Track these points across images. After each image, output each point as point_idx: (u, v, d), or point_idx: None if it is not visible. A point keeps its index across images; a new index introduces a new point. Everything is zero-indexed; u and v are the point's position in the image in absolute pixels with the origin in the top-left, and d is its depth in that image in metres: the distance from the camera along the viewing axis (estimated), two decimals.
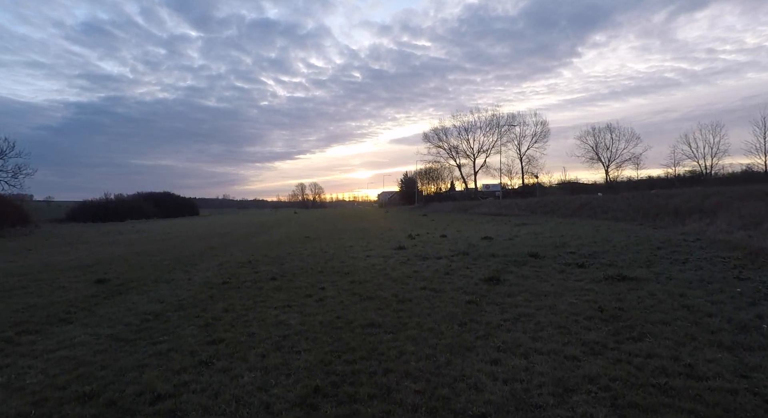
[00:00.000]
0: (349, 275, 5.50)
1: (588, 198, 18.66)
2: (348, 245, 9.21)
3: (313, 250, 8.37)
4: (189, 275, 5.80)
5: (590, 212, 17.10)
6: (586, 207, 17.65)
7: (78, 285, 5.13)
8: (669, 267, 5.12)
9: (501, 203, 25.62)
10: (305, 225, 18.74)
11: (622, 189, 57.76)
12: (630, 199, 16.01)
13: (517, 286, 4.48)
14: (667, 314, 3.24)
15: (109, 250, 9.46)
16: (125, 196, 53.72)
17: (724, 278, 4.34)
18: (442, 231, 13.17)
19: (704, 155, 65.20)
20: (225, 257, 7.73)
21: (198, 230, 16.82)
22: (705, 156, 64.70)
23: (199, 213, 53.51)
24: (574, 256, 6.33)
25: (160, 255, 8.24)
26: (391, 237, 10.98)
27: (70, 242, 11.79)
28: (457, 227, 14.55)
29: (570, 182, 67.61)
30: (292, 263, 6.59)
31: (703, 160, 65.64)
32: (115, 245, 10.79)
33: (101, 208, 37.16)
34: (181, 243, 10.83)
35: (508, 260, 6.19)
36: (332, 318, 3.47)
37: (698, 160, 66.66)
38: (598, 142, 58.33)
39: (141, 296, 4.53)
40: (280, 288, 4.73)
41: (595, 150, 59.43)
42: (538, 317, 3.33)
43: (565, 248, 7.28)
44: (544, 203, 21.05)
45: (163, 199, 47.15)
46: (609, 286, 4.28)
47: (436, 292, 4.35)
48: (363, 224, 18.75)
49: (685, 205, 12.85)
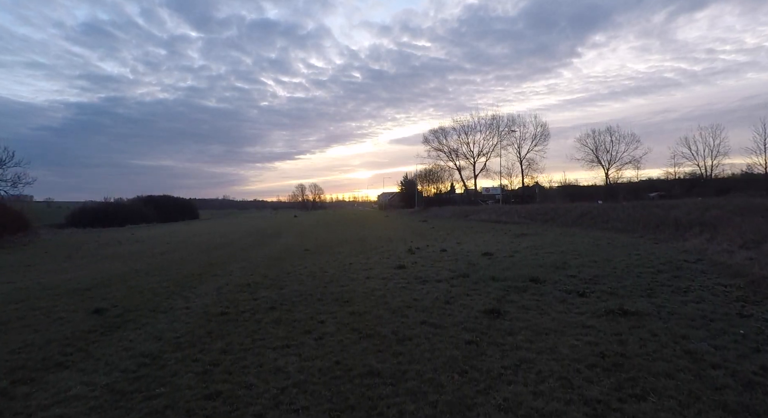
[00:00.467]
0: (349, 303, 5.46)
1: (588, 207, 18.64)
2: (348, 262, 9.17)
3: (312, 269, 8.33)
4: (187, 302, 5.76)
5: (590, 221, 17.07)
6: (587, 216, 17.62)
7: (75, 316, 5.09)
8: (670, 298, 5.08)
9: (501, 209, 25.60)
10: (304, 234, 18.70)
11: (622, 191, 57.78)
12: (630, 209, 15.98)
13: (518, 320, 4.44)
14: (670, 362, 3.20)
15: (108, 267, 9.42)
16: (125, 200, 53.75)
17: (726, 315, 4.31)
18: (441, 243, 13.15)
19: (704, 158, 65.23)
20: (224, 277, 7.69)
21: (197, 239, 16.78)
22: (705, 158, 64.71)
23: (199, 216, 53.47)
24: (574, 280, 6.30)
25: (158, 274, 8.20)
26: (391, 251, 10.95)
27: (69, 256, 11.75)
28: (457, 238, 14.51)
29: (570, 185, 67.60)
30: (292, 287, 6.55)
31: (702, 162, 65.64)
32: (114, 260, 10.75)
33: (101, 212, 37.19)
34: (180, 258, 10.79)
35: (508, 285, 6.16)
36: (331, 363, 3.43)
37: (698, 162, 66.70)
38: (598, 145, 58.37)
39: (139, 330, 4.49)
40: (279, 321, 4.70)
41: (595, 153, 59.46)
42: (539, 364, 3.29)
43: (566, 269, 7.24)
44: (544, 211, 21.02)
45: (163, 203, 47.21)
46: (610, 322, 4.25)
47: (435, 328, 4.31)
48: (363, 232, 18.72)
49: (685, 217, 12.82)
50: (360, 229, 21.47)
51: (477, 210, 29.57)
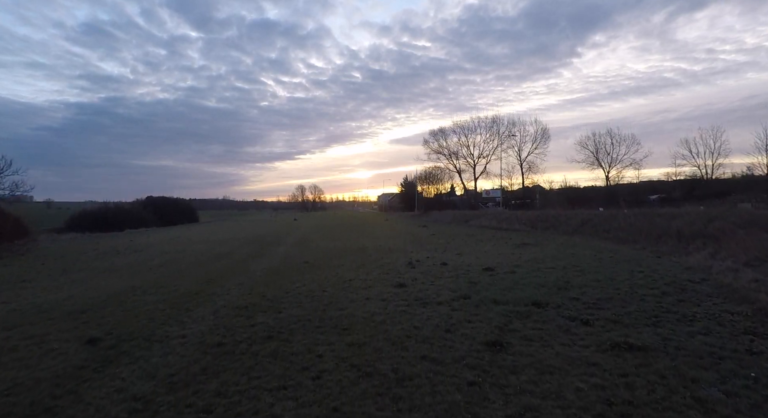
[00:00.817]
0: (348, 331, 5.35)
1: (589, 215, 18.52)
2: (347, 278, 9.06)
3: (311, 287, 8.22)
4: (183, 328, 5.65)
5: (591, 229, 16.95)
6: (588, 224, 17.51)
7: (68, 347, 4.98)
8: (676, 328, 4.97)
9: (501, 215, 25.49)
10: (304, 242, 18.59)
11: (622, 194, 57.59)
12: (632, 217, 15.87)
13: (521, 355, 4.33)
14: (681, 413, 3.09)
15: (104, 284, 9.31)
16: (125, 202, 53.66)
17: (735, 351, 4.19)
18: (442, 253, 13.05)
19: (704, 159, 65.18)
20: (221, 297, 7.58)
21: (196, 248, 16.67)
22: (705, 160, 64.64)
23: (198, 219, 53.37)
24: (578, 305, 6.19)
25: (155, 292, 8.09)
26: (391, 265, 10.84)
27: (65, 270, 11.64)
28: (457, 248, 14.40)
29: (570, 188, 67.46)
30: (290, 311, 6.44)
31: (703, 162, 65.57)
32: (111, 275, 10.64)
33: (101, 216, 37.06)
34: (178, 272, 10.68)
35: (510, 309, 6.04)
36: (329, 411, 3.32)
37: (698, 164, 66.69)
38: (598, 147, 58.30)
39: (132, 365, 4.38)
40: (276, 354, 4.58)
41: (596, 155, 59.40)
42: (544, 412, 3.18)
43: (568, 290, 7.13)
44: (545, 218, 20.91)
45: (163, 206, 47.12)
46: (616, 359, 4.13)
47: (436, 364, 4.20)
48: (362, 240, 18.61)
49: (687, 228, 12.71)
50: (360, 236, 21.36)
51: (477, 215, 29.47)
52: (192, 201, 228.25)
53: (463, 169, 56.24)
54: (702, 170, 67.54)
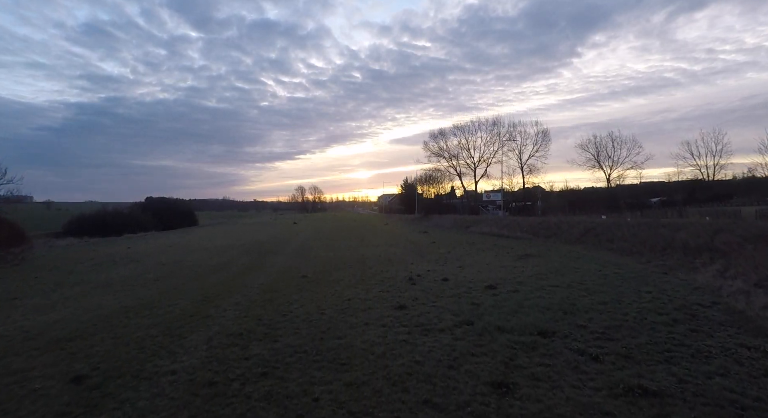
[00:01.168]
0: (346, 366, 5.11)
1: (592, 223, 18.28)
2: (346, 298, 8.83)
3: (308, 308, 7.97)
4: (174, 361, 5.41)
5: (594, 239, 16.72)
6: (590, 233, 17.27)
7: (52, 387, 4.73)
8: (692, 367, 4.73)
9: (502, 222, 25.26)
10: (302, 251, 18.34)
11: (623, 196, 57.32)
12: (635, 227, 15.63)
13: (529, 400, 4.09)
14: None
15: (96, 302, 9.07)
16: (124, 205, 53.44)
17: (758, 400, 3.95)
18: (442, 265, 12.83)
19: (706, 162, 64.88)
20: (216, 320, 7.33)
21: (193, 258, 16.42)
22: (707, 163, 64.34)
23: (198, 222, 53.12)
24: (585, 334, 5.94)
25: (148, 314, 7.85)
26: (391, 280, 10.60)
27: (59, 284, 11.39)
28: (458, 258, 14.16)
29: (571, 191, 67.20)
30: (287, 339, 6.19)
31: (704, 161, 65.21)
32: (105, 290, 10.40)
33: (99, 220, 36.84)
34: (173, 288, 10.43)
35: (515, 340, 5.80)
36: None
37: (700, 168, 66.39)
38: (599, 150, 58.11)
39: (117, 411, 4.14)
40: (270, 397, 4.34)
41: (596, 158, 59.20)
42: None
43: (575, 315, 6.89)
44: (546, 226, 20.67)
45: (162, 210, 46.89)
46: (630, 407, 3.89)
47: (439, 411, 3.96)
48: (362, 249, 18.37)
49: (693, 240, 12.47)
50: (359, 244, 21.13)
51: (478, 221, 29.23)
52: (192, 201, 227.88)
53: (463, 172, 56.09)
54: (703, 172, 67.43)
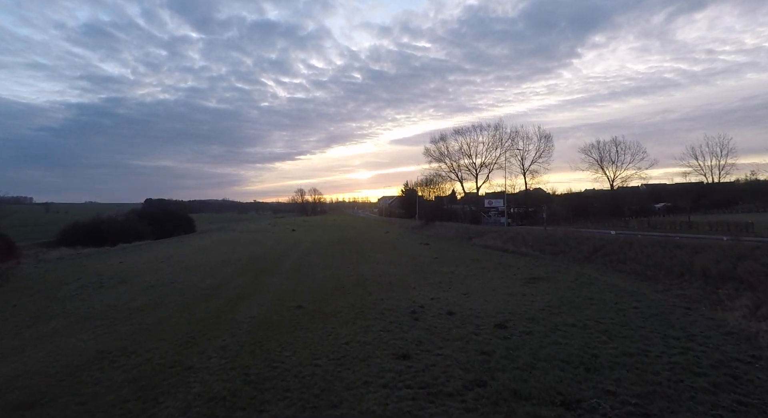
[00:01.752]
0: None
1: (601, 240, 17.51)
2: (343, 341, 8.08)
3: (301, 358, 7.22)
4: None
5: (605, 258, 15.97)
6: (600, 252, 16.52)
7: None
8: None
9: (506, 234, 24.49)
10: (300, 269, 17.60)
11: (627, 201, 56.45)
12: (648, 248, 14.88)
13: None
14: None
15: (71, 345, 8.33)
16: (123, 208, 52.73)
17: None
18: (446, 292, 12.10)
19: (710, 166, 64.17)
20: (198, 375, 6.58)
21: (184, 280, 15.70)
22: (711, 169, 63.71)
23: (195, 228, 52.40)
24: (614, 403, 5.18)
25: (124, 364, 7.12)
26: (392, 314, 9.86)
27: (36, 316, 10.66)
28: (463, 282, 13.41)
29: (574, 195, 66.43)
30: (274, 409, 5.44)
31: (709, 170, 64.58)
32: (84, 326, 9.66)
33: (93, 230, 36.18)
34: (157, 325, 9.69)
35: (536, 414, 5.05)
36: None
37: (705, 173, 65.72)
38: (602, 156, 57.34)
39: None
40: None
41: (600, 163, 58.44)
42: None
43: (599, 373, 6.13)
44: (553, 241, 19.92)
45: (159, 217, 46.26)
46: None
47: None
48: (361, 267, 17.64)
49: (714, 266, 11.72)
50: (358, 259, 20.40)
51: (481, 232, 28.46)
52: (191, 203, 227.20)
53: (465, 178, 55.34)
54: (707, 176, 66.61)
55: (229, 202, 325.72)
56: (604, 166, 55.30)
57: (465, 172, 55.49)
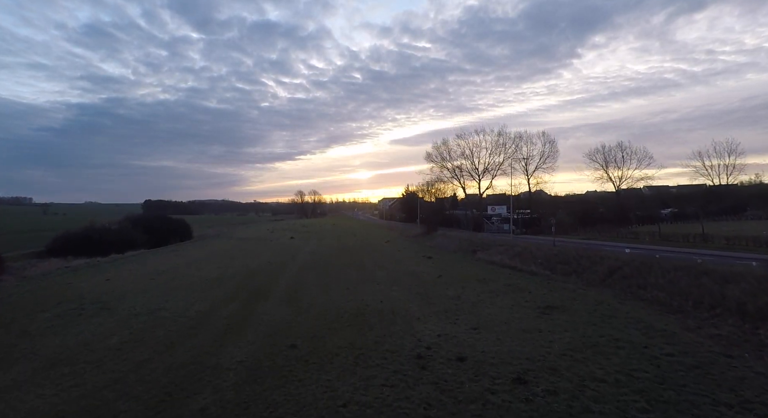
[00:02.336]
0: None
1: (617, 261, 16.43)
2: (341, 402, 7.03)
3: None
4: None
5: (622, 282, 14.92)
6: (617, 274, 15.47)
7: None
8: None
9: (513, 249, 23.40)
10: (296, 292, 16.55)
11: (632, 207, 55.21)
12: (671, 273, 13.82)
13: None
14: None
15: (29, 403, 7.29)
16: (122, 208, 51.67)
17: None
18: (453, 325, 10.99)
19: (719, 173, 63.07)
20: None
21: (172, 304, 14.66)
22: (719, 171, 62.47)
23: (192, 235, 51.37)
24: None
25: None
26: (395, 358, 8.80)
27: (10, 347, 9.61)
28: (471, 311, 12.33)
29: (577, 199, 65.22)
30: None
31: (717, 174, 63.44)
32: (47, 375, 8.61)
33: (85, 239, 35.16)
34: (131, 373, 8.65)
35: None
36: None
37: (713, 178, 64.61)
38: (608, 161, 56.21)
39: None
40: None
41: (605, 168, 57.32)
42: None
43: None
44: (564, 258, 18.86)
45: (154, 224, 45.22)
46: None
47: None
48: (361, 289, 16.59)
49: (750, 300, 10.66)
50: (359, 278, 19.37)
51: (485, 243, 27.37)
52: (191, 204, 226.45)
53: (467, 185, 54.25)
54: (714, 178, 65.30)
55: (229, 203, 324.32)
56: (609, 172, 54.21)
57: (467, 176, 54.44)
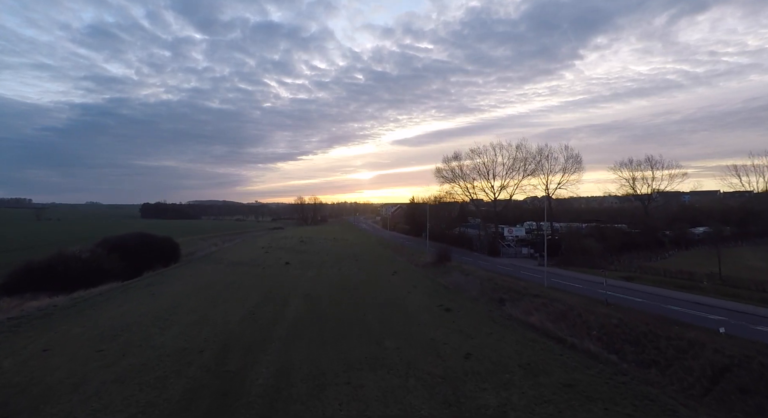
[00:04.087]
0: None
1: (719, 356, 11.94)
2: None
3: None
4: None
5: (740, 397, 10.44)
6: (728, 381, 10.99)
7: None
8: None
9: (554, 304, 18.91)
10: (279, 399, 12.19)
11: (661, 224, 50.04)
12: None
13: None
14: None
15: None
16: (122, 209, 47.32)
17: None
18: None
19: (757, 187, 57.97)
20: None
21: (113, 391, 10.31)
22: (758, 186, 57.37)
23: (180, 256, 47.07)
24: None
25: None
26: None
27: None
28: None
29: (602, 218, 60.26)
30: None
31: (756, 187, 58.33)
32: None
33: (49, 271, 30.87)
34: None
35: None
36: None
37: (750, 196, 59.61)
38: (635, 176, 51.49)
39: None
40: None
41: (632, 184, 52.61)
42: None
43: None
44: (633, 336, 14.37)
45: (135, 247, 40.90)
46: None
47: None
48: (366, 381, 12.20)
49: None
50: (362, 355, 15.00)
51: (514, 289, 22.83)
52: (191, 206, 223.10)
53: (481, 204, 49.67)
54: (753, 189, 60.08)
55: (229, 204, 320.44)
56: (637, 188, 49.55)
57: (480, 192, 49.97)
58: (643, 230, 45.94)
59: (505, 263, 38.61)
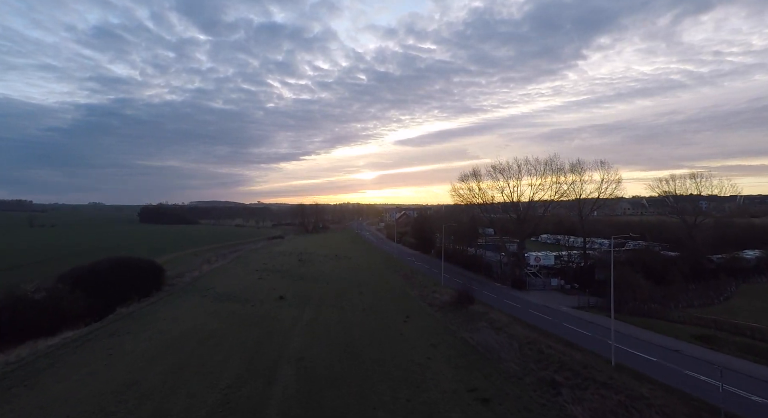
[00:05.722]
0: None
1: None
2: None
3: None
4: None
5: None
6: None
7: None
8: None
9: (634, 403, 13.55)
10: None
11: (706, 244, 43.56)
12: None
13: None
14: None
15: None
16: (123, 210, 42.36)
17: None
18: None
19: None
20: None
21: None
22: None
23: (163, 282, 42.00)
24: None
25: None
26: None
27: None
28: None
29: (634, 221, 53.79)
30: None
31: None
32: None
33: (5, 312, 26.31)
34: None
35: None
36: None
37: None
38: (677, 194, 45.88)
39: None
40: None
41: (674, 204, 47.01)
42: None
43: None
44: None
45: (107, 277, 35.83)
46: None
47: None
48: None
49: None
50: None
51: (569, 366, 17.38)
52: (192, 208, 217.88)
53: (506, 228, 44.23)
54: None
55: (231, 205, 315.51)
56: (681, 211, 43.92)
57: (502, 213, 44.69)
58: (686, 254, 40.58)
59: (537, 303, 32.99)
